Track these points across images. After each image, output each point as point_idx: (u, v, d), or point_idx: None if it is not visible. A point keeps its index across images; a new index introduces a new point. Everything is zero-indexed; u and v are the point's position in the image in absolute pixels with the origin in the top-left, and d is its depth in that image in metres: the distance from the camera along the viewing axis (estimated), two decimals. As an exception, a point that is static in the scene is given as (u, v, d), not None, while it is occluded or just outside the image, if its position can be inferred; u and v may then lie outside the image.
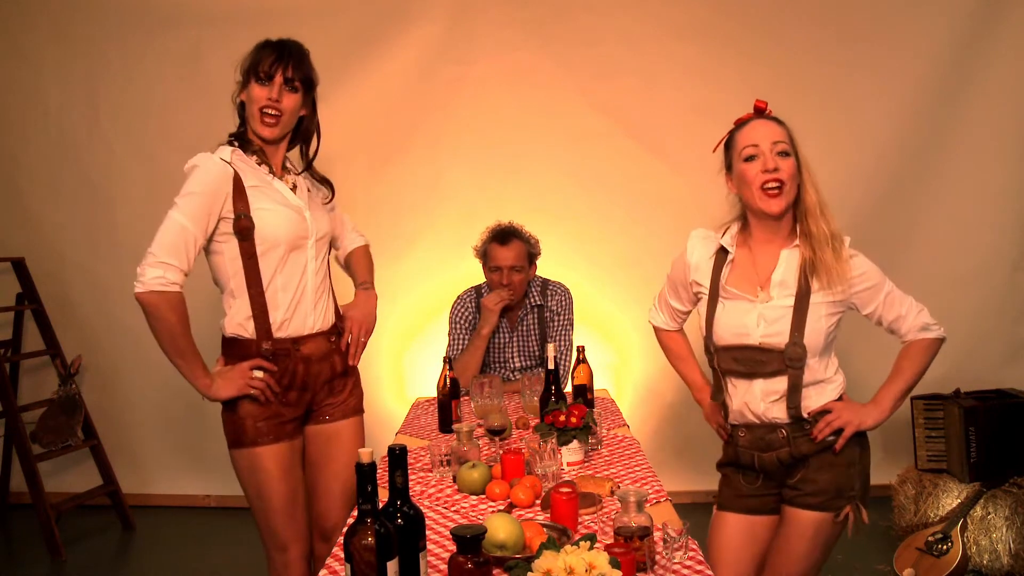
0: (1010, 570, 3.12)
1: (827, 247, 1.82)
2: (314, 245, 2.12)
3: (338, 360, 2.20)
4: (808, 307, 1.83)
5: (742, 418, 1.93)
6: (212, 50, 3.93)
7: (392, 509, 1.38)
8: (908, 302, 1.93)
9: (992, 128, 3.82)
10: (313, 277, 2.12)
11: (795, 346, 1.82)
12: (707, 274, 1.97)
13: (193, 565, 3.57)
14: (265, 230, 2.01)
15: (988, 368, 3.83)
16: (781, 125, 1.89)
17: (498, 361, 3.22)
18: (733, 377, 1.92)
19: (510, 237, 3.11)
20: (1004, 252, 3.88)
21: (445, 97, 4.03)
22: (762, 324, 1.85)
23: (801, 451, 1.88)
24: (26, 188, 4.22)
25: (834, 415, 1.87)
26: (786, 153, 1.85)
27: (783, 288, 1.86)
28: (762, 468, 1.94)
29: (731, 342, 1.89)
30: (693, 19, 3.92)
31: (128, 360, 4.20)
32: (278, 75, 2.03)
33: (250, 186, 2.02)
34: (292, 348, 2.07)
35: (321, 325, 2.14)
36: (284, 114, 2.05)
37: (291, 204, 2.08)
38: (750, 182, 1.85)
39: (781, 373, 1.84)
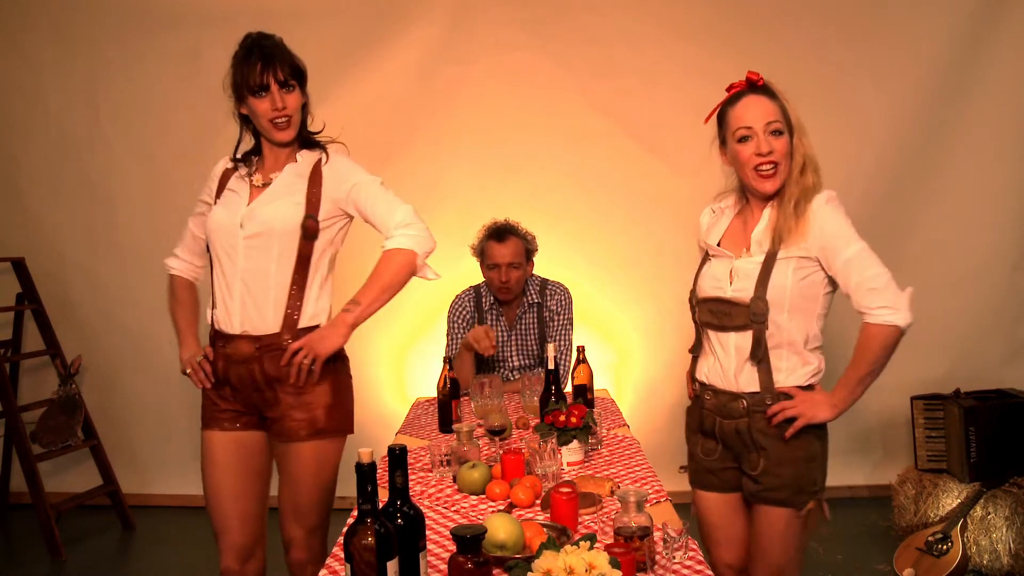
0: (1010, 570, 3.12)
1: (790, 207, 1.85)
2: (242, 243, 2.04)
3: (258, 369, 2.05)
4: (774, 263, 1.86)
5: (712, 378, 1.97)
6: (212, 50, 3.90)
7: (392, 509, 1.38)
8: (871, 272, 1.78)
9: (992, 128, 3.82)
10: (241, 277, 2.05)
11: (758, 300, 1.86)
12: (705, 236, 2.06)
13: (193, 565, 3.57)
14: (207, 225, 2.14)
15: (988, 368, 3.83)
16: (774, 100, 1.90)
17: (497, 360, 3.22)
18: (709, 330, 1.97)
19: (507, 234, 3.11)
20: (1004, 252, 3.88)
21: (445, 97, 4.03)
22: (736, 279, 1.91)
23: (757, 427, 1.89)
24: (26, 188, 4.21)
25: (791, 403, 1.86)
26: (779, 132, 1.88)
27: (759, 246, 1.91)
28: (722, 436, 1.96)
29: (708, 295, 1.96)
30: (693, 19, 3.92)
31: (128, 360, 4.20)
32: (271, 83, 2.03)
33: (228, 189, 2.15)
34: (218, 343, 2.12)
35: (250, 330, 2.05)
36: (293, 114, 2.09)
37: (236, 204, 2.11)
38: (744, 163, 1.90)
39: (746, 327, 1.88)
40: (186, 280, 2.28)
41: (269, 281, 2.05)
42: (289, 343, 2.04)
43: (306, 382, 2.04)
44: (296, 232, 2.05)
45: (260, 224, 2.04)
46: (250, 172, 2.15)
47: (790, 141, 1.89)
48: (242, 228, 2.05)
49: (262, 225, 2.04)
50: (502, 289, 3.12)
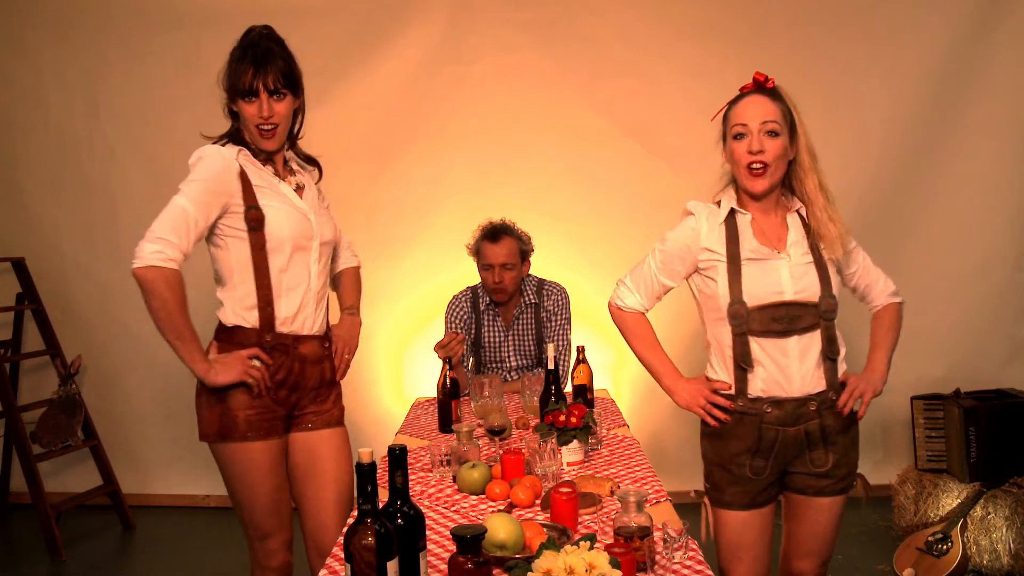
0: (1010, 570, 3.12)
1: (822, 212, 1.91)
2: (318, 248, 2.11)
3: (328, 367, 2.18)
4: (826, 262, 1.93)
5: (772, 389, 1.90)
6: (212, 50, 3.87)
7: (392, 509, 1.38)
8: (878, 269, 2.10)
9: (992, 128, 3.82)
10: (316, 280, 2.12)
11: (828, 298, 1.89)
12: (720, 240, 1.94)
13: (193, 565, 3.57)
14: (272, 227, 2.01)
15: (988, 368, 3.83)
16: (776, 101, 1.91)
17: (494, 360, 3.22)
18: (770, 338, 1.89)
19: (501, 234, 3.11)
20: (1004, 252, 3.88)
21: (445, 97, 4.03)
22: (793, 280, 1.90)
23: (828, 424, 1.92)
24: (26, 188, 4.22)
25: (853, 385, 1.95)
26: (775, 133, 1.88)
27: (798, 247, 1.93)
28: (782, 446, 1.91)
29: (767, 300, 1.88)
30: (693, 19, 3.92)
31: (128, 360, 4.21)
32: (260, 89, 2.00)
33: (256, 184, 2.03)
34: (292, 345, 2.06)
35: (319, 329, 2.14)
36: (279, 124, 2.04)
37: (296, 206, 2.09)
38: (737, 160, 1.91)
39: (815, 327, 1.89)
40: (181, 275, 1.92)
41: (327, 285, 2.20)
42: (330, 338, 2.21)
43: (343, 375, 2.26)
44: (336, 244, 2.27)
45: (329, 233, 2.17)
46: (276, 172, 2.10)
47: (788, 145, 1.89)
48: (316, 234, 2.10)
49: (332, 233, 2.19)
50: (495, 290, 3.12)
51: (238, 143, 2.08)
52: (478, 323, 3.20)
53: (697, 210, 1.99)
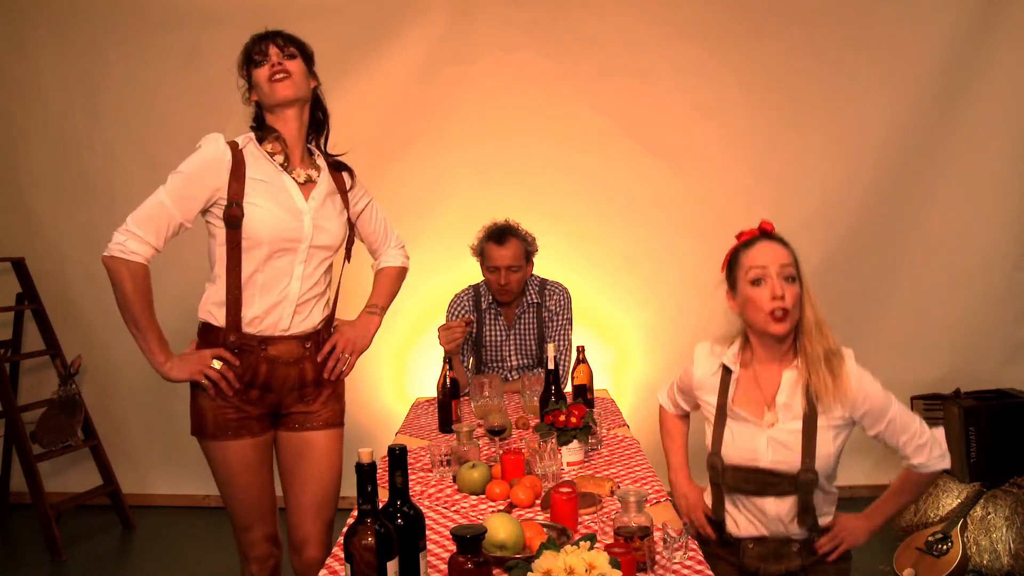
0: (1010, 570, 3.12)
1: (822, 367, 1.80)
2: (306, 251, 2.05)
3: (309, 368, 2.10)
4: (816, 432, 1.81)
5: (752, 532, 1.90)
6: (212, 50, 3.93)
7: (392, 509, 1.38)
8: (914, 427, 1.86)
9: (992, 127, 3.82)
10: (299, 283, 2.05)
11: (807, 472, 1.80)
12: (712, 391, 1.95)
13: (193, 565, 3.57)
14: (252, 227, 1.98)
15: (988, 368, 3.83)
16: (786, 247, 1.86)
17: (495, 360, 3.22)
18: (743, 495, 1.89)
19: (506, 236, 3.11)
20: (1004, 251, 3.88)
21: (445, 97, 4.03)
22: (771, 449, 1.83)
23: (809, 564, 1.90)
24: (26, 188, 4.22)
25: (834, 533, 1.91)
26: (792, 278, 1.82)
27: (788, 411, 1.84)
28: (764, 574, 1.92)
29: (740, 463, 1.86)
30: (693, 19, 3.92)
31: (128, 360, 4.19)
32: (271, 49, 2.04)
33: (253, 178, 2.00)
34: (258, 346, 2.02)
35: (298, 329, 2.07)
36: (293, 73, 2.04)
37: (292, 206, 2.03)
38: (759, 307, 1.82)
39: (791, 493, 1.83)
40: (147, 269, 1.95)
41: (320, 286, 2.12)
42: (325, 339, 2.15)
43: (339, 374, 2.17)
44: (343, 244, 2.20)
45: (328, 237, 2.10)
46: (285, 164, 2.06)
47: (800, 290, 1.83)
48: (311, 238, 2.04)
49: (330, 238, 2.11)
50: (501, 291, 3.12)
51: (262, 126, 2.10)
52: (480, 322, 3.20)
53: (698, 356, 2.00)
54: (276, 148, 2.06)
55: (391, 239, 2.41)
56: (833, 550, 1.92)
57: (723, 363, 1.93)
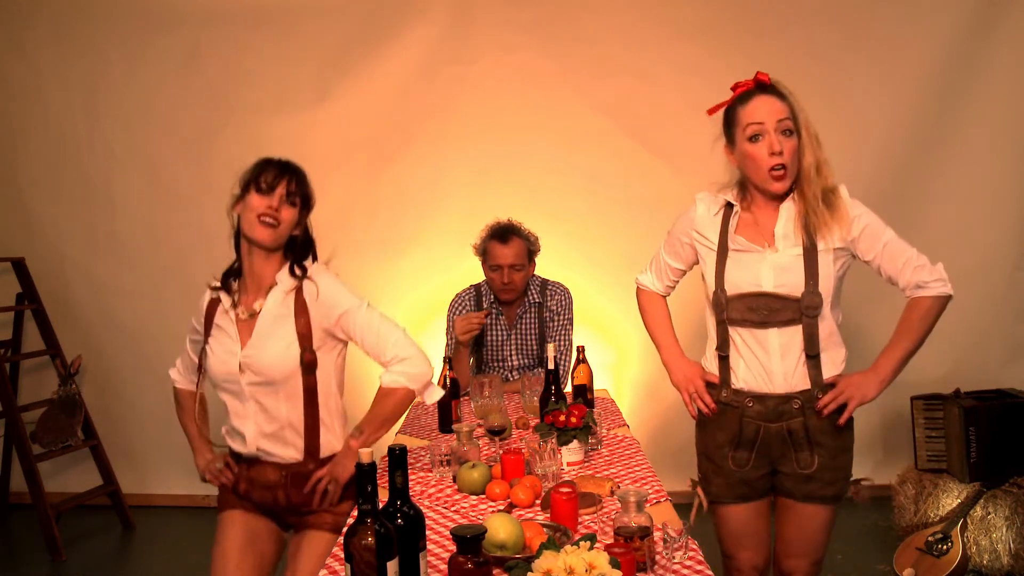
0: (1010, 570, 3.12)
1: (820, 206, 1.85)
2: (247, 390, 2.05)
3: (281, 496, 2.07)
4: (817, 255, 1.86)
5: (753, 383, 1.91)
6: (212, 50, 3.92)
7: (392, 509, 1.38)
8: (909, 254, 1.91)
9: (992, 127, 3.82)
10: (252, 421, 2.06)
11: (812, 295, 1.84)
12: (714, 229, 1.98)
13: (193, 565, 3.57)
14: (208, 369, 2.13)
15: (988, 368, 3.83)
16: (784, 100, 1.89)
17: (496, 360, 3.22)
18: (747, 327, 1.89)
19: (510, 235, 3.11)
20: (1004, 251, 3.88)
21: (445, 97, 4.03)
22: (774, 273, 1.87)
23: (813, 424, 1.89)
24: (26, 188, 4.22)
25: (839, 388, 1.89)
26: (790, 131, 1.86)
27: (787, 240, 1.89)
28: (763, 442, 1.92)
29: (744, 290, 1.89)
30: (693, 19, 3.92)
31: (128, 360, 4.21)
32: (280, 187, 2.01)
33: (216, 325, 2.12)
34: (242, 465, 2.13)
35: (272, 456, 2.07)
36: (281, 224, 2.01)
37: (229, 348, 2.07)
38: (758, 164, 1.87)
39: (796, 322, 1.85)
40: (189, 392, 2.32)
41: (282, 419, 2.06)
42: (313, 471, 2.07)
43: (327, 503, 2.08)
44: (297, 372, 2.03)
45: (259, 374, 2.04)
46: (234, 303, 2.09)
47: (799, 140, 1.87)
48: (243, 375, 2.04)
49: (261, 375, 2.04)
50: (504, 290, 3.12)
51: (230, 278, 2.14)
52: (480, 323, 3.20)
53: (700, 197, 2.05)
54: (235, 290, 2.12)
55: (388, 347, 2.07)
56: (839, 411, 1.88)
57: (726, 199, 1.97)
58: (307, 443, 2.07)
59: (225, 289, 2.12)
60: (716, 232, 1.97)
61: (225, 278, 2.14)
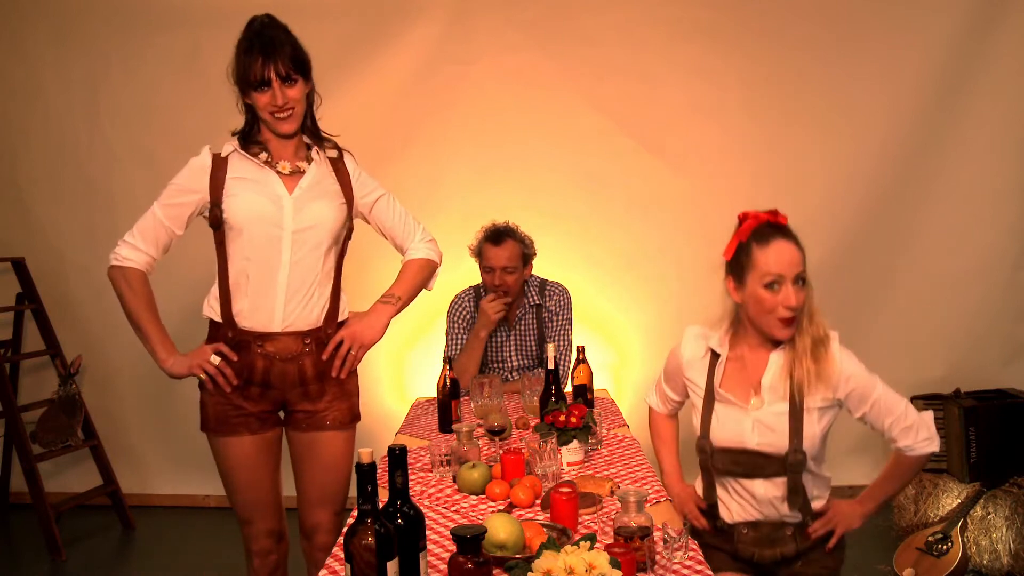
0: (1010, 570, 3.12)
1: (807, 357, 1.80)
2: (290, 237, 2.02)
3: (309, 364, 2.08)
4: (802, 413, 1.82)
5: (745, 516, 1.91)
6: (212, 50, 3.91)
7: (392, 509, 1.38)
8: (897, 412, 1.84)
9: (992, 127, 3.82)
10: (288, 271, 2.02)
11: (796, 453, 1.81)
12: (701, 373, 1.96)
13: (193, 565, 3.57)
14: (230, 216, 2.01)
15: (988, 368, 3.82)
16: (799, 247, 1.83)
17: (496, 361, 3.22)
18: (732, 478, 1.89)
19: (503, 237, 3.10)
20: (1004, 251, 3.87)
21: (445, 97, 4.03)
22: (757, 431, 1.84)
23: (803, 548, 1.90)
24: (26, 188, 4.21)
25: (828, 516, 1.91)
26: (803, 281, 1.81)
27: (773, 392, 1.84)
28: (759, 562, 1.92)
29: (728, 445, 1.87)
30: (693, 19, 3.92)
31: (128, 360, 4.20)
32: (272, 77, 1.99)
33: (233, 177, 2.03)
34: (254, 342, 2.03)
35: (296, 325, 2.05)
36: (295, 107, 2.03)
37: (272, 193, 2.02)
38: (769, 311, 1.80)
39: (781, 474, 1.84)
40: (142, 273, 2.07)
41: (315, 276, 2.07)
42: (331, 336, 2.10)
43: (348, 370, 2.13)
44: (342, 231, 2.13)
45: (314, 218, 2.05)
46: (269, 159, 2.06)
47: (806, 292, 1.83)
48: (292, 222, 2.02)
49: (316, 219, 2.05)
50: (497, 292, 3.12)
51: (248, 137, 2.09)
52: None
53: (686, 338, 2.02)
54: (258, 149, 2.08)
55: (416, 233, 2.29)
56: (828, 535, 1.91)
57: (710, 347, 1.94)
58: (330, 306, 2.10)
59: (246, 147, 2.07)
60: (704, 377, 1.95)
61: (245, 140, 2.08)
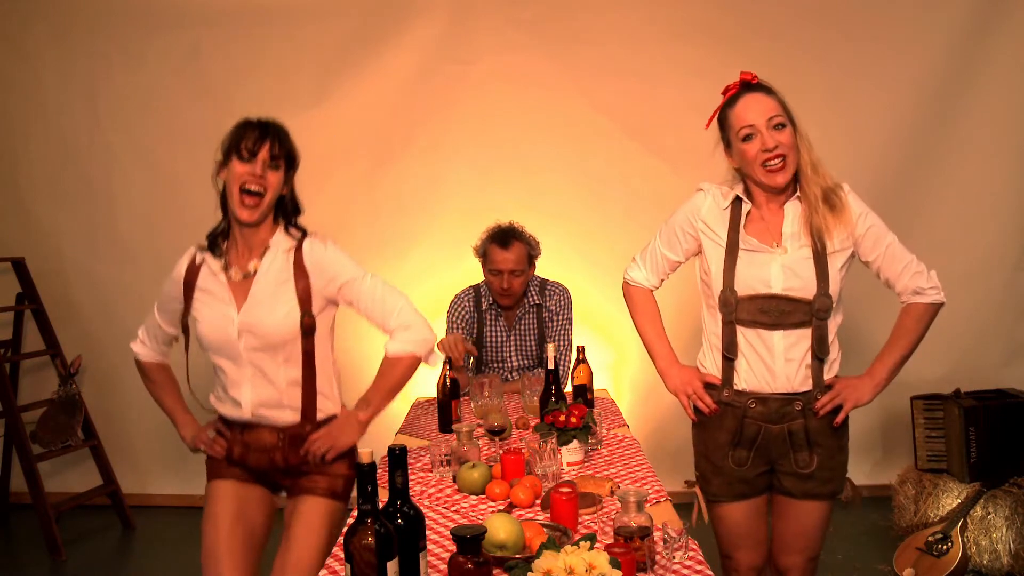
0: (1010, 570, 3.12)
1: (822, 206, 1.86)
2: (245, 354, 2.00)
3: (279, 458, 2.04)
4: (826, 257, 1.87)
5: (755, 384, 1.91)
6: (212, 50, 3.93)
7: (392, 509, 1.38)
8: (908, 259, 1.94)
9: (992, 127, 3.82)
10: (250, 387, 2.02)
11: (824, 297, 1.85)
12: (723, 223, 1.97)
13: (193, 565, 3.55)
14: (200, 333, 2.05)
15: (988, 368, 3.83)
16: (771, 95, 1.91)
17: (496, 360, 3.22)
18: (757, 329, 1.89)
19: (511, 239, 3.10)
20: (1005, 251, 3.88)
21: (445, 97, 4.03)
22: (784, 275, 1.87)
23: (812, 425, 1.90)
24: (26, 188, 4.22)
25: (836, 391, 1.90)
26: (782, 125, 1.87)
27: (795, 240, 1.89)
28: (763, 442, 1.93)
29: (756, 292, 1.88)
30: (693, 19, 3.92)
31: (128, 360, 4.13)
32: (262, 152, 1.96)
33: (201, 288, 2.05)
34: (235, 430, 2.09)
35: (269, 420, 2.04)
36: (267, 192, 1.96)
37: (224, 312, 2.00)
38: (751, 161, 1.88)
39: (806, 324, 1.86)
40: (157, 364, 2.26)
41: (279, 382, 2.03)
42: (310, 433, 2.05)
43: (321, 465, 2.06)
44: (297, 335, 2.00)
45: (259, 338, 1.99)
46: (225, 266, 2.04)
47: (794, 133, 1.88)
48: (241, 339, 1.99)
49: (261, 339, 1.99)
50: (502, 295, 3.12)
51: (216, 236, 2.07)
52: (480, 322, 3.20)
53: (706, 187, 2.04)
54: (221, 251, 2.05)
55: (392, 316, 2.08)
56: (835, 412, 1.91)
57: (736, 194, 1.96)
58: (304, 406, 2.05)
59: (212, 251, 2.05)
60: (725, 227, 1.95)
61: (212, 240, 2.06)
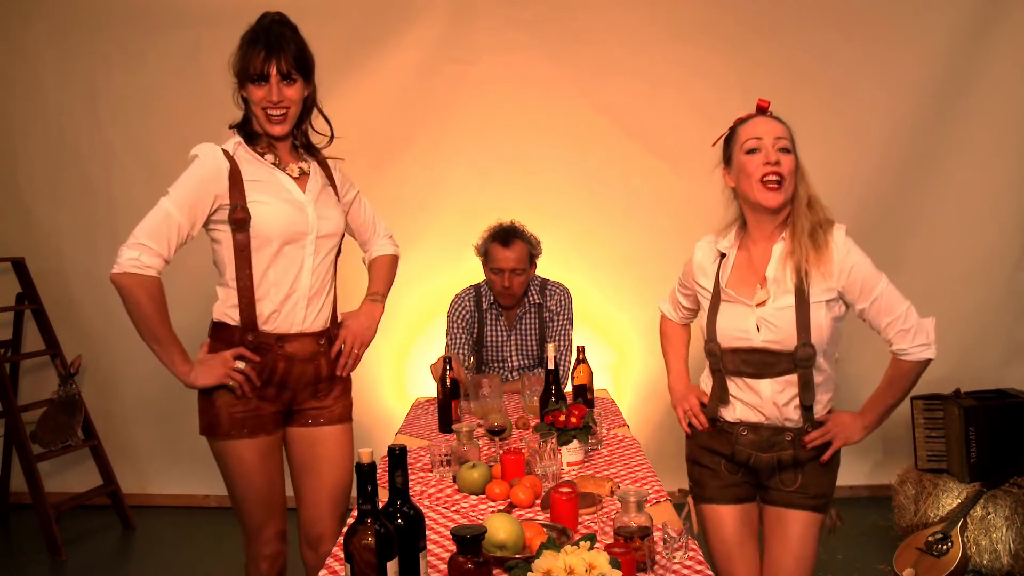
0: (1010, 570, 3.12)
1: (805, 239, 1.82)
2: (313, 242, 2.05)
3: (324, 364, 2.12)
4: (809, 305, 1.82)
5: (747, 418, 1.93)
6: (212, 50, 3.90)
7: (392, 509, 1.38)
8: (898, 313, 1.83)
9: (993, 127, 3.82)
10: (309, 275, 2.06)
11: (805, 347, 1.82)
12: (710, 277, 1.99)
13: (193, 565, 3.57)
14: (260, 224, 1.98)
15: (988, 368, 3.83)
16: (783, 124, 1.91)
17: (496, 360, 3.22)
18: (742, 377, 1.91)
19: (512, 238, 3.10)
20: (1005, 251, 3.88)
21: (445, 97, 4.04)
22: (762, 328, 1.85)
23: (800, 455, 1.91)
24: (26, 188, 4.22)
25: (827, 427, 1.90)
26: (787, 150, 1.86)
27: (778, 285, 1.86)
28: (754, 466, 1.94)
29: (735, 345, 1.89)
30: (694, 19, 3.92)
31: (128, 360, 4.20)
32: (272, 72, 1.97)
33: (250, 180, 1.99)
34: (275, 344, 2.03)
35: (312, 326, 2.09)
36: (290, 107, 2.01)
37: (293, 199, 2.04)
38: (750, 174, 1.86)
39: (791, 372, 1.85)
40: (160, 281, 1.96)
41: (327, 279, 2.13)
42: (335, 335, 2.17)
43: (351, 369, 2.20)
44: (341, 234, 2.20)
45: (333, 225, 2.12)
46: (276, 162, 2.06)
47: (796, 163, 1.87)
48: (316, 227, 2.06)
49: (335, 226, 2.12)
50: (503, 294, 3.12)
51: (245, 132, 2.07)
52: (481, 322, 3.20)
53: (698, 245, 2.06)
54: (264, 148, 2.07)
55: (380, 229, 2.39)
56: (824, 447, 1.91)
57: (719, 249, 1.98)
58: (334, 306, 2.17)
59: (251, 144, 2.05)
60: (711, 281, 1.97)
61: (248, 134, 2.05)
